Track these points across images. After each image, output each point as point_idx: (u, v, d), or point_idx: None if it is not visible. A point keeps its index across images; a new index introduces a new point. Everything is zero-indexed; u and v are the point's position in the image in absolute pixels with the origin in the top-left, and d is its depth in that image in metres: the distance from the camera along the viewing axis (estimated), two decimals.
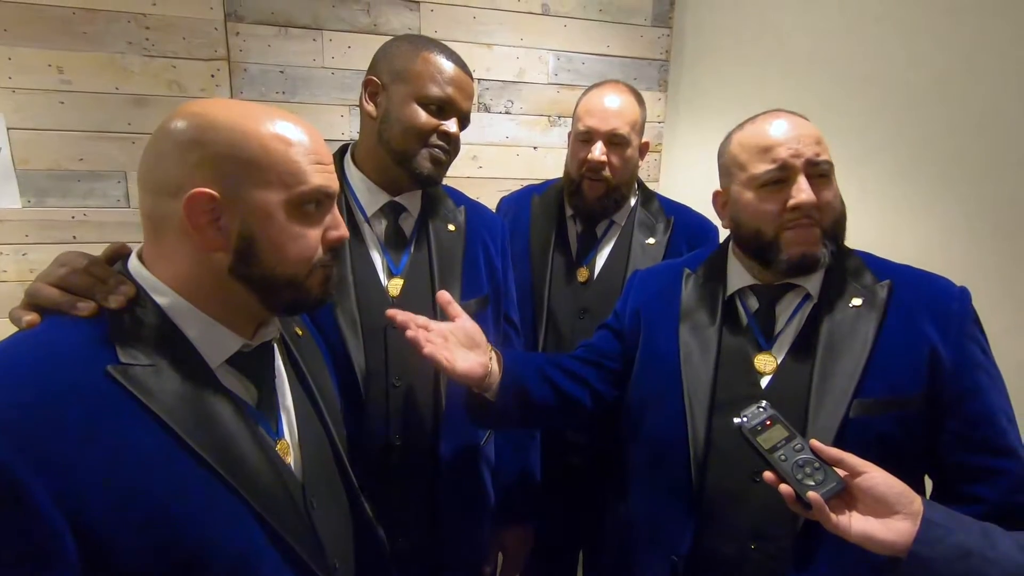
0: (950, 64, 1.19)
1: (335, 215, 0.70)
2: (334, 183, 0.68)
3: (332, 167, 0.69)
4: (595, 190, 1.31)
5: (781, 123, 0.89)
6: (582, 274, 1.37)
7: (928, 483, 0.89)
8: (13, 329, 0.61)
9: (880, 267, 0.92)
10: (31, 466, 0.49)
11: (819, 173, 0.86)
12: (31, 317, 0.59)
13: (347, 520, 0.80)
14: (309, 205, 0.65)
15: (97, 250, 0.67)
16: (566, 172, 1.39)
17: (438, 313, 1.07)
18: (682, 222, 1.39)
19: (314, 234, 0.67)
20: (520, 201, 1.49)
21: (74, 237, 1.60)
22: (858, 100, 1.38)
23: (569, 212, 1.41)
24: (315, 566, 0.67)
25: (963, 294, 0.87)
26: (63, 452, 0.51)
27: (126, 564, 0.53)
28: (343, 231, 0.70)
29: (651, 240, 1.36)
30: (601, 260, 1.38)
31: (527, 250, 1.40)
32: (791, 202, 0.85)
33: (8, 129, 1.50)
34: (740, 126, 0.95)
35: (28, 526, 0.49)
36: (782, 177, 0.87)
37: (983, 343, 0.85)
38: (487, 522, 1.25)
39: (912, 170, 1.28)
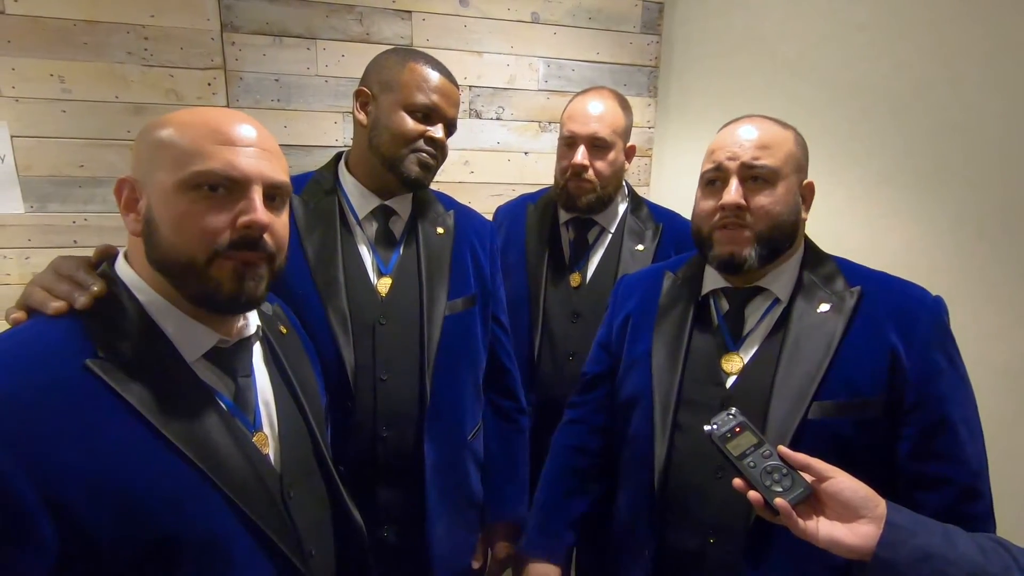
0: (932, 71, 1.21)
1: (250, 200, 0.64)
2: (245, 168, 0.64)
3: (256, 151, 0.65)
4: (581, 190, 1.35)
5: (733, 128, 0.93)
6: (574, 279, 1.41)
7: None
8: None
9: (854, 273, 0.93)
10: (4, 447, 0.53)
11: (754, 176, 0.89)
12: (17, 315, 0.64)
13: (326, 510, 0.83)
14: (206, 187, 0.63)
15: None
16: (554, 176, 1.43)
17: (424, 313, 1.11)
18: (671, 228, 1.43)
19: (213, 217, 0.63)
20: (516, 210, 1.54)
21: (75, 241, 1.64)
22: (843, 106, 1.40)
23: (562, 219, 1.45)
24: (289, 552, 0.70)
25: (936, 304, 0.87)
26: (39, 438, 0.55)
27: (102, 545, 0.56)
28: (252, 216, 0.64)
29: (640, 247, 1.40)
30: (592, 266, 1.42)
31: (523, 257, 1.45)
32: (720, 202, 0.89)
33: (12, 137, 1.55)
34: None
35: (3, 503, 0.52)
36: (718, 177, 0.92)
37: (952, 353, 0.85)
38: (474, 516, 1.28)
39: (897, 175, 1.30)
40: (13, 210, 1.58)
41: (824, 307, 0.89)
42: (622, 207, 1.44)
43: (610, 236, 1.42)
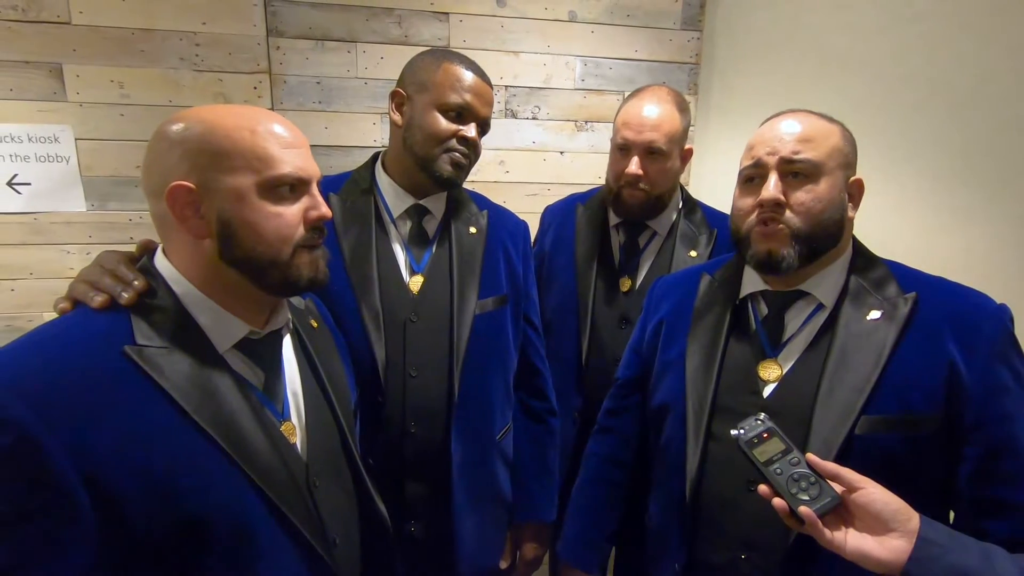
0: (996, 62, 1.14)
1: (314, 196, 0.73)
2: (309, 168, 0.72)
3: (307, 152, 0.73)
4: (633, 198, 1.31)
5: (774, 122, 0.89)
6: (624, 284, 1.38)
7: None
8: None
9: (909, 279, 0.87)
10: (48, 426, 0.56)
11: (794, 171, 0.84)
12: (64, 305, 0.68)
13: (351, 500, 0.85)
14: (283, 188, 0.69)
15: None
16: (606, 180, 1.39)
17: (455, 312, 1.12)
18: (726, 234, 1.35)
19: (291, 213, 0.70)
20: (565, 211, 1.51)
21: (131, 238, 1.73)
22: (897, 101, 1.33)
23: (613, 222, 1.42)
24: (313, 540, 0.71)
25: (1000, 312, 0.80)
26: (80, 419, 0.58)
27: (136, 525, 0.59)
28: (323, 210, 0.73)
29: (693, 253, 1.35)
30: (643, 271, 1.38)
31: (573, 259, 1.42)
32: (759, 198, 0.85)
33: (76, 140, 1.65)
34: None
35: (45, 479, 0.55)
36: (757, 174, 0.87)
37: (1018, 366, 0.78)
38: (502, 516, 1.28)
39: (954, 174, 1.22)
40: (76, 208, 1.69)
41: (874, 314, 0.84)
42: (675, 210, 1.40)
43: (662, 240, 1.39)
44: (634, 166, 1.27)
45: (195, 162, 0.66)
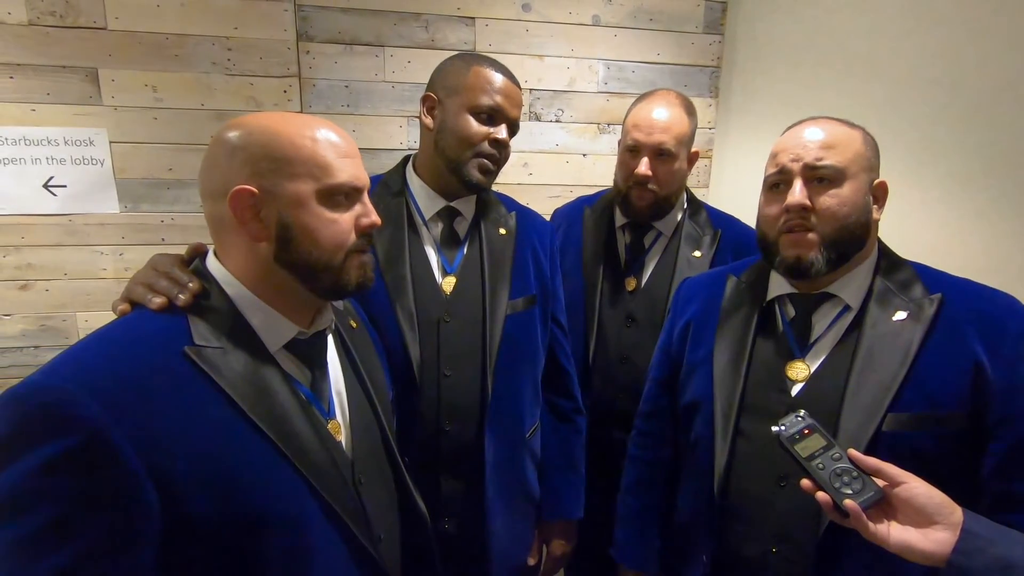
0: (1018, 66, 1.14)
1: (366, 204, 0.76)
2: (362, 177, 0.75)
3: (360, 161, 0.75)
4: (642, 199, 1.34)
5: (797, 129, 0.91)
6: (630, 283, 1.40)
7: None
8: (114, 318, 0.71)
9: (934, 280, 0.89)
10: (117, 423, 0.57)
11: (818, 177, 0.86)
12: (123, 307, 0.70)
13: (392, 496, 0.87)
14: (339, 196, 0.72)
15: (182, 250, 0.78)
16: (614, 181, 1.42)
17: (487, 312, 1.14)
18: (730, 235, 1.40)
19: (345, 220, 0.73)
20: (573, 212, 1.54)
21: (163, 239, 1.77)
22: (920, 104, 1.34)
23: (619, 223, 1.44)
24: (361, 536, 0.73)
25: None
26: (145, 414, 0.60)
27: (199, 521, 0.61)
28: (374, 218, 0.76)
29: (697, 253, 1.38)
30: (648, 270, 1.41)
31: (580, 260, 1.45)
32: (784, 204, 0.87)
33: (110, 143, 1.69)
34: None
35: (116, 475, 0.57)
36: (782, 180, 0.89)
37: None
38: (531, 513, 1.30)
39: (976, 177, 1.23)
40: (110, 210, 1.73)
41: (900, 315, 0.85)
42: (680, 211, 1.42)
43: (667, 240, 1.41)
44: (644, 167, 1.30)
45: (257, 167, 0.68)
